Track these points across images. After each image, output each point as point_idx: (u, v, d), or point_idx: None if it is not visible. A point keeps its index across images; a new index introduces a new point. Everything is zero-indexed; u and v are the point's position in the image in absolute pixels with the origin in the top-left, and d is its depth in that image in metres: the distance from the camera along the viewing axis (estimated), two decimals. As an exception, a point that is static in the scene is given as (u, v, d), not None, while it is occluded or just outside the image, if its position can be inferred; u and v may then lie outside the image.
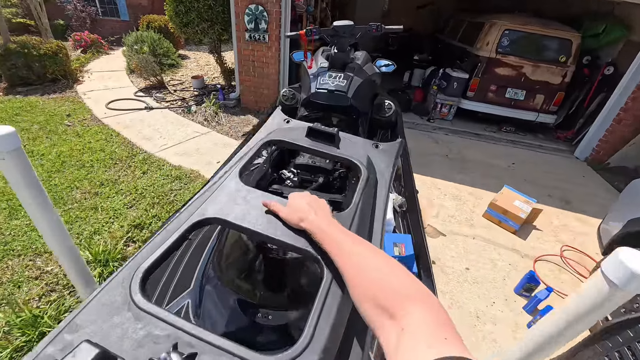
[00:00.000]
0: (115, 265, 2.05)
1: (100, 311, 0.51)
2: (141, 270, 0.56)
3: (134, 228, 2.43)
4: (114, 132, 3.91)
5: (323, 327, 0.50)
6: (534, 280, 2.23)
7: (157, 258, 0.59)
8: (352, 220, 0.72)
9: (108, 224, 2.48)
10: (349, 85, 2.00)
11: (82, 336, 0.45)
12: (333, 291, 0.55)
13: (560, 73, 4.65)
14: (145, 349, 0.45)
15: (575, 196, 3.68)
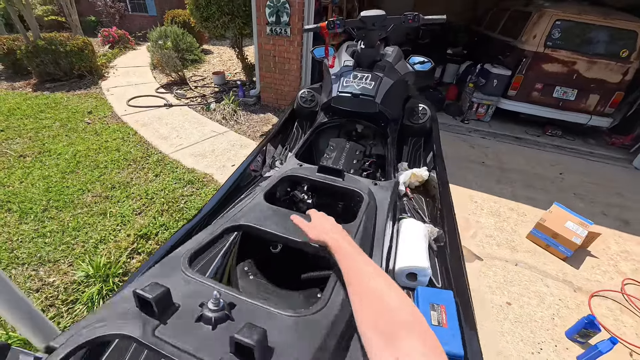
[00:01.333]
0: (115, 282, 1.91)
1: (157, 275, 0.64)
2: (187, 254, 0.70)
3: (140, 238, 2.29)
4: (131, 131, 3.84)
5: (336, 296, 0.62)
6: (593, 326, 1.85)
7: (198, 249, 0.73)
8: (357, 230, 0.87)
9: (115, 231, 2.36)
10: (378, 87, 1.70)
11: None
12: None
13: (620, 70, 4.04)
14: (193, 298, 0.57)
15: (636, 215, 3.16)
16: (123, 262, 2.06)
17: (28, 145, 3.38)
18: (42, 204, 2.54)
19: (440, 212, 1.67)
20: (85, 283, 1.91)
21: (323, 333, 0.55)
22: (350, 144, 1.74)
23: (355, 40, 2.06)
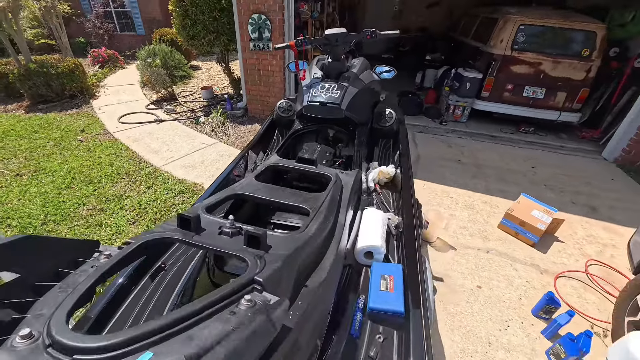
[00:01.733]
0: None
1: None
2: (204, 206, 0.92)
3: (133, 246, 2.43)
4: (123, 146, 4.00)
5: (311, 227, 0.92)
6: (553, 302, 2.03)
7: (210, 205, 0.94)
8: (325, 197, 1.10)
9: (110, 241, 2.50)
10: (343, 95, 1.90)
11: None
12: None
13: (583, 68, 4.33)
14: (214, 226, 0.82)
15: (602, 202, 3.38)
16: (119, 268, 2.20)
17: (24, 165, 3.51)
18: (40, 219, 2.68)
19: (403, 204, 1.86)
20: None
21: (302, 242, 0.83)
22: (322, 147, 1.93)
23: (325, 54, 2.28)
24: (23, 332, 0.44)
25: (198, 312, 0.49)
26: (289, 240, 0.82)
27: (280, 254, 0.74)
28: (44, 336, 0.44)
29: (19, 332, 0.44)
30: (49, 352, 0.42)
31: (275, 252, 0.74)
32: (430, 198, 3.24)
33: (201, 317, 0.48)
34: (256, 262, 0.66)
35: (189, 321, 0.47)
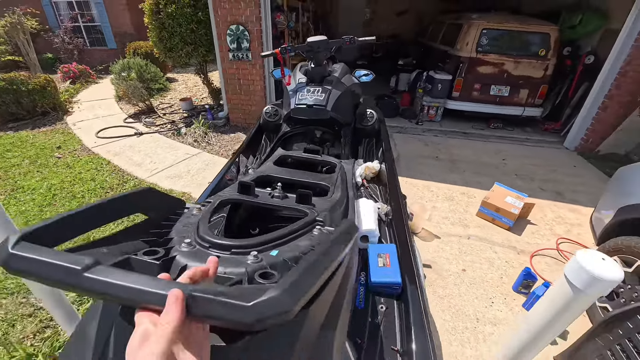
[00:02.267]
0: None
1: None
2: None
3: (126, 257, 2.42)
4: (104, 161, 3.93)
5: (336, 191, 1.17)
6: (530, 277, 2.21)
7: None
8: (336, 177, 1.30)
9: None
10: (328, 98, 2.03)
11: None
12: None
13: (541, 66, 4.72)
14: (265, 190, 1.03)
15: (567, 187, 3.69)
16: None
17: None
18: (22, 238, 2.60)
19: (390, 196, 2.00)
20: (78, 302, 2.02)
21: (334, 202, 1.06)
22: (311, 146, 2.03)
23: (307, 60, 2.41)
24: (186, 241, 0.61)
25: (290, 233, 0.70)
26: (324, 201, 1.02)
27: (324, 207, 0.96)
28: (198, 243, 0.62)
29: (180, 242, 0.61)
30: (211, 250, 0.60)
31: (319, 207, 0.95)
32: (412, 193, 3.41)
33: (293, 237, 0.70)
34: (313, 210, 0.89)
35: (287, 237, 0.68)
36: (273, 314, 0.34)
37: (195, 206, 0.82)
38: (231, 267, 0.56)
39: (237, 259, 0.58)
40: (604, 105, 4.19)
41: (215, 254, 0.59)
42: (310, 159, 1.57)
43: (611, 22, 4.54)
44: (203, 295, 0.35)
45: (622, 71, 3.93)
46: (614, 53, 3.99)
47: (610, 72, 4.06)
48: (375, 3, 9.59)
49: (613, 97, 4.10)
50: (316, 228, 0.78)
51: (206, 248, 0.61)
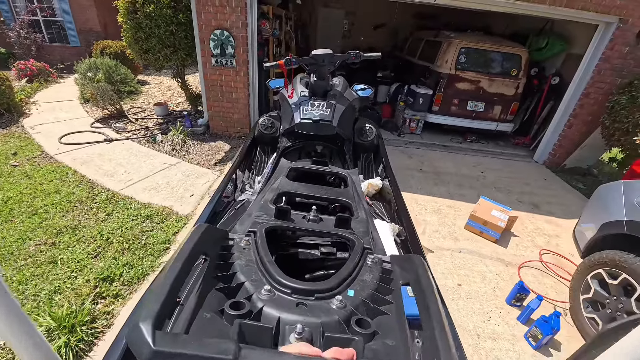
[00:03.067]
0: (84, 330, 1.79)
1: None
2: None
3: (102, 282, 2.16)
4: (70, 170, 3.56)
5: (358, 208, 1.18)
6: (523, 290, 2.28)
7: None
8: (352, 191, 1.34)
9: (70, 279, 2.19)
10: (333, 113, 1.98)
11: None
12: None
13: (513, 85, 5.04)
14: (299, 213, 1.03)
15: (541, 199, 3.91)
16: (88, 309, 1.94)
17: (-61, 198, 2.93)
18: (-27, 261, 2.25)
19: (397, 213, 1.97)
20: (48, 337, 1.75)
21: (365, 223, 1.07)
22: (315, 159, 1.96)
23: (306, 73, 2.34)
24: (266, 288, 0.61)
25: (353, 269, 0.72)
26: (357, 223, 1.02)
27: (361, 230, 0.98)
28: (278, 289, 0.62)
29: (258, 289, 0.61)
30: (294, 297, 0.60)
31: (356, 230, 0.96)
32: (402, 205, 3.43)
33: (354, 273, 0.72)
34: (357, 236, 0.90)
35: (353, 274, 0.71)
36: None
37: (241, 237, 0.81)
38: (324, 316, 0.58)
39: (323, 306, 0.61)
40: (569, 123, 4.54)
41: (297, 301, 0.61)
42: (320, 171, 1.61)
43: (573, 47, 4.97)
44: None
45: (586, 92, 4.28)
46: (578, 75, 4.35)
47: (575, 93, 4.41)
48: (354, 15, 9.80)
49: (577, 116, 4.45)
50: (369, 257, 0.80)
51: (288, 294, 0.62)
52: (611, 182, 2.31)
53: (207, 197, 3.30)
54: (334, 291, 0.64)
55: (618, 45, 3.97)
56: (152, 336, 0.39)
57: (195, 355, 0.38)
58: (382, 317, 0.66)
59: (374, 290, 0.68)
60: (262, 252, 0.74)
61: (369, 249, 0.83)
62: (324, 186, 1.37)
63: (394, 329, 0.63)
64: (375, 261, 0.78)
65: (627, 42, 3.94)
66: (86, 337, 1.78)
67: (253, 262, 0.71)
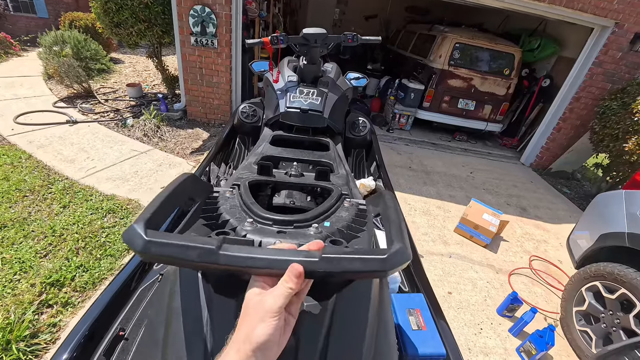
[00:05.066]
0: (21, 347, 1.50)
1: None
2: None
3: (49, 286, 1.86)
4: (23, 154, 3.15)
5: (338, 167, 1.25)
6: (517, 301, 2.17)
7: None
8: (334, 153, 1.45)
9: (12, 282, 1.88)
10: (325, 102, 1.74)
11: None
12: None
13: (505, 85, 4.95)
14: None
15: (528, 202, 3.86)
16: (29, 320, 1.64)
17: None
18: None
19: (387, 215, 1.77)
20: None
21: (344, 176, 1.14)
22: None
23: (295, 56, 2.08)
24: (249, 220, 0.68)
25: (330, 207, 0.78)
26: (335, 177, 1.07)
27: (340, 182, 1.02)
28: (259, 222, 0.69)
29: (241, 222, 0.68)
30: (274, 226, 0.68)
31: (335, 182, 1.01)
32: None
33: (331, 210, 0.77)
34: (335, 185, 0.94)
35: (330, 211, 0.76)
36: (402, 261, 0.44)
37: (226, 189, 0.85)
38: (301, 238, 0.64)
39: (301, 232, 0.67)
40: (558, 127, 4.51)
41: (277, 229, 0.66)
42: (304, 138, 1.61)
43: (565, 51, 4.93)
44: (341, 256, 0.43)
45: (577, 96, 4.24)
46: (570, 79, 4.30)
47: (566, 97, 4.37)
48: (345, 5, 9.48)
49: (567, 120, 4.42)
50: (346, 200, 0.84)
51: (269, 225, 0.67)
52: (611, 192, 2.21)
53: (181, 190, 3.00)
54: (311, 221, 0.70)
55: (612, 50, 3.92)
56: (144, 231, 0.43)
57: (183, 244, 0.41)
58: (355, 240, 0.70)
59: (349, 223, 0.73)
60: (245, 197, 0.77)
61: (346, 194, 0.87)
62: (307, 150, 1.41)
63: (363, 246, 0.69)
64: (352, 204, 0.82)
65: (620, 47, 3.90)
66: (24, 357, 1.50)
67: (237, 206, 0.75)
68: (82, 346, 0.82)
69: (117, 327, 0.89)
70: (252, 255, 0.42)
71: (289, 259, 0.41)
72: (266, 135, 1.68)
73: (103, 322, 0.90)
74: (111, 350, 0.85)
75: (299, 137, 1.67)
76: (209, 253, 0.41)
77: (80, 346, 0.81)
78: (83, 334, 0.83)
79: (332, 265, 0.42)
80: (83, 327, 0.85)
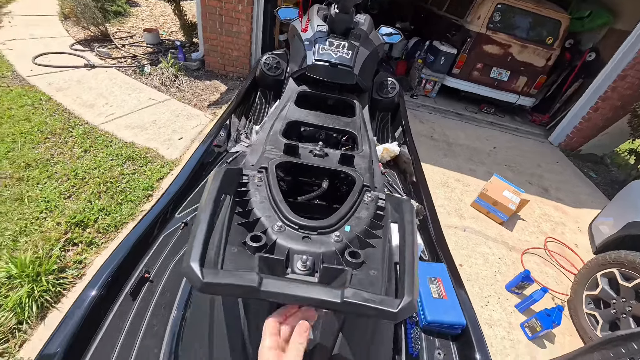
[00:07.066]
0: (50, 280, 1.60)
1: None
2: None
3: (74, 226, 1.94)
4: (43, 96, 3.14)
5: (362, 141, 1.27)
6: (528, 279, 2.16)
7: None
8: (359, 123, 1.40)
9: (39, 220, 1.96)
10: (355, 57, 1.62)
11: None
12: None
13: (545, 56, 4.54)
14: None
15: (551, 183, 3.72)
16: (56, 256, 1.73)
17: None
18: None
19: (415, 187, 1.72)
20: (7, 285, 1.56)
21: (368, 157, 1.16)
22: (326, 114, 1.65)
23: (325, 4, 1.91)
24: (278, 224, 0.73)
25: (351, 207, 0.82)
26: (360, 159, 1.10)
27: (363, 167, 1.07)
28: (288, 225, 0.74)
29: (272, 225, 0.73)
30: (300, 232, 0.73)
31: (358, 167, 1.05)
32: (408, 175, 3.20)
33: (355, 209, 0.82)
34: (358, 174, 0.98)
35: (350, 212, 0.81)
36: (409, 314, 0.51)
37: (254, 174, 0.88)
38: (323, 247, 0.69)
39: (323, 239, 0.71)
40: (596, 106, 4.19)
41: (304, 234, 0.71)
42: (330, 97, 1.58)
43: (617, 23, 4.41)
44: (359, 302, 0.50)
45: (623, 74, 3.88)
46: (619, 54, 3.90)
47: (611, 74, 3.99)
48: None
49: (607, 100, 4.09)
50: (367, 195, 0.88)
51: (296, 229, 0.72)
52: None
53: (197, 143, 2.98)
54: (333, 227, 0.75)
55: (675, 23, 3.48)
56: (200, 272, 0.50)
57: (230, 284, 0.50)
58: (370, 249, 0.75)
59: (367, 226, 0.78)
60: (274, 190, 0.82)
61: (367, 186, 0.92)
62: (332, 115, 1.38)
63: (378, 260, 0.72)
64: (372, 198, 0.87)
65: (686, 19, 3.46)
66: (52, 288, 1.60)
67: (266, 198, 0.80)
68: (109, 285, 0.85)
69: (143, 270, 0.91)
70: (286, 293, 0.50)
71: (316, 297, 0.50)
72: (291, 90, 1.59)
73: (128, 264, 0.92)
74: (137, 290, 0.87)
75: (325, 94, 1.59)
76: (252, 291, 0.49)
77: (107, 285, 0.84)
78: (110, 273, 0.85)
79: (351, 308, 0.50)
80: (109, 267, 0.87)
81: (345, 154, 1.06)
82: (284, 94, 1.61)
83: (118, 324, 0.79)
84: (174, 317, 0.81)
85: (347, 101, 1.58)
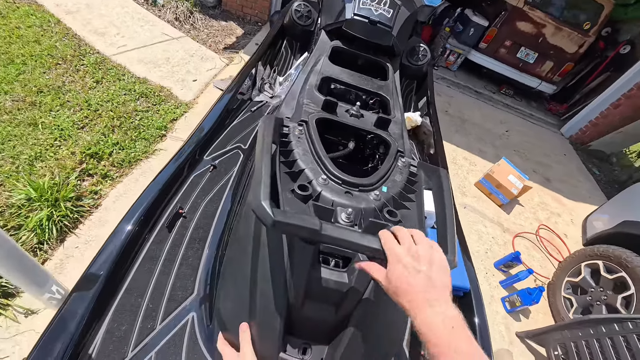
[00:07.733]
0: (68, 206, 1.66)
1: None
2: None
3: (89, 157, 1.96)
4: (52, 18, 2.97)
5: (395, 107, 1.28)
6: (517, 260, 2.29)
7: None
8: (392, 88, 1.38)
9: (54, 147, 1.98)
10: (396, 17, 1.56)
11: None
12: None
13: (578, 42, 4.32)
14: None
15: (555, 175, 3.77)
16: (73, 184, 1.78)
17: None
18: (-62, 101, 1.95)
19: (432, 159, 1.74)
20: (27, 207, 1.62)
21: (400, 124, 1.18)
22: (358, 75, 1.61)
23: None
24: (322, 177, 0.76)
25: (387, 171, 0.85)
26: (394, 125, 1.12)
27: (396, 132, 1.09)
28: (332, 180, 0.76)
29: (317, 177, 0.75)
30: (343, 187, 0.76)
31: (392, 132, 1.08)
32: (418, 148, 3.21)
33: (388, 174, 0.85)
34: (392, 139, 1.01)
35: (386, 175, 0.84)
36: (451, 269, 0.53)
37: (295, 126, 0.90)
38: (364, 203, 0.73)
39: (364, 196, 0.76)
40: (617, 103, 4.09)
41: (346, 189, 0.75)
42: (365, 56, 1.53)
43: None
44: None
45: (655, 71, 3.74)
46: (656, 48, 3.73)
47: (641, 70, 3.85)
48: None
49: (631, 97, 3.99)
50: (400, 160, 0.91)
51: (339, 184, 0.76)
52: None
53: (211, 86, 2.92)
54: (373, 186, 0.79)
55: None
56: (271, 211, 0.52)
57: (296, 225, 0.52)
58: (404, 211, 0.80)
59: (402, 189, 0.82)
60: (316, 145, 0.83)
61: (401, 152, 0.95)
62: (365, 76, 1.36)
63: (414, 221, 0.78)
64: (405, 164, 0.91)
65: None
66: (71, 214, 1.67)
67: (308, 151, 0.82)
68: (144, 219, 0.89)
69: (177, 205, 0.95)
70: (345, 238, 0.54)
71: (371, 246, 0.54)
72: (323, 44, 1.53)
73: (161, 200, 0.97)
74: (172, 223, 0.93)
75: (360, 54, 1.52)
76: (315, 233, 0.52)
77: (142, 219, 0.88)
78: (145, 208, 0.89)
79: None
80: (144, 202, 0.91)
81: (382, 117, 1.07)
82: (316, 47, 1.53)
83: (155, 252, 0.85)
84: (207, 255, 0.87)
85: (380, 63, 1.51)
